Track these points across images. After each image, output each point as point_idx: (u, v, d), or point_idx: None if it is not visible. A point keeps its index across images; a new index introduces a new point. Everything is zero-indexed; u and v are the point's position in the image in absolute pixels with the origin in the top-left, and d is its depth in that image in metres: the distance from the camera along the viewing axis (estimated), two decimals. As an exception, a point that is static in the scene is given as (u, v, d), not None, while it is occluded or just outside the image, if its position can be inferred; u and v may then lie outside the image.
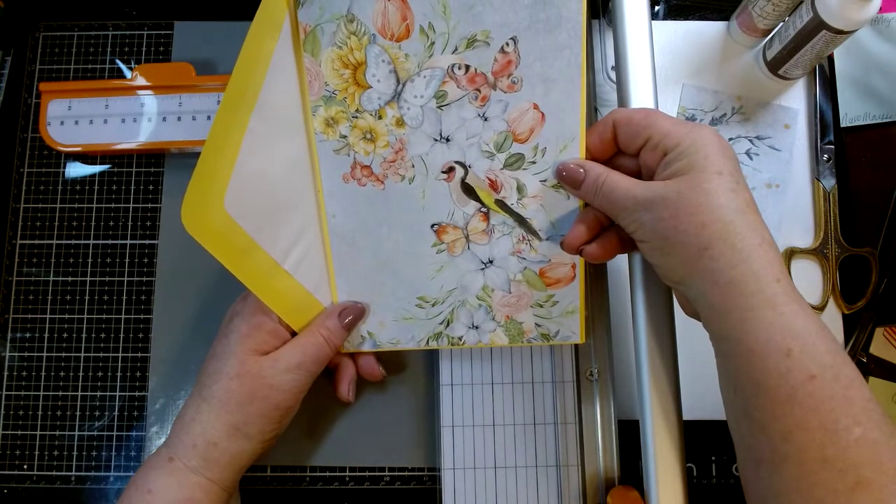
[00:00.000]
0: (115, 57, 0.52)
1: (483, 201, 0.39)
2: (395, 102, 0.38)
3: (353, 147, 0.39)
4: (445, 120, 0.38)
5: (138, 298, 0.49)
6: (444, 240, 0.40)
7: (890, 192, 0.50)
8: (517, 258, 0.40)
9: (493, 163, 0.38)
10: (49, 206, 0.50)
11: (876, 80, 0.51)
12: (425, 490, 0.46)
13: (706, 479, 0.47)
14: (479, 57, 0.37)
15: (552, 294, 0.40)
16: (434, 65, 0.37)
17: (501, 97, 0.37)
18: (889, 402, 0.47)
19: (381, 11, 0.36)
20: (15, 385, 0.48)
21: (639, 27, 0.44)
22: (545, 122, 0.37)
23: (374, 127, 0.38)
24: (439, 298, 0.41)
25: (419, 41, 0.36)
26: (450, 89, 0.37)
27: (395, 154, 0.39)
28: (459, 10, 0.36)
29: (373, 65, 0.37)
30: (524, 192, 0.39)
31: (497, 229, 0.40)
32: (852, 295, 0.48)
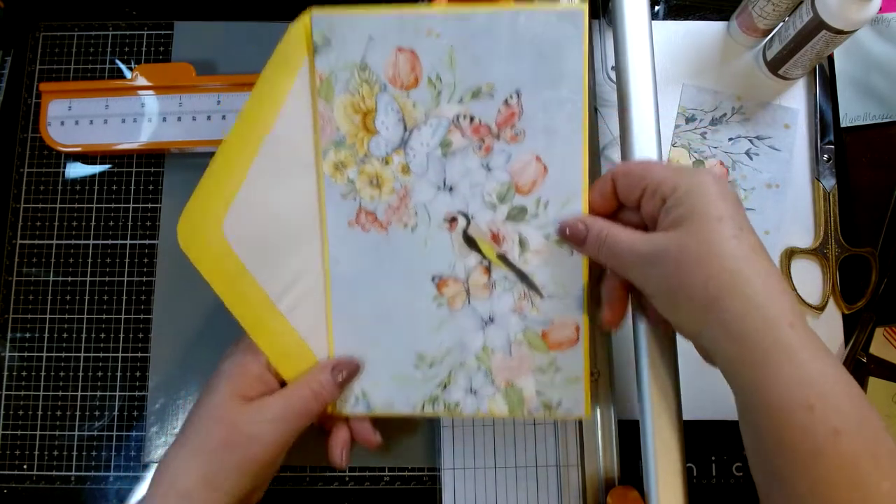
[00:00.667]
0: (115, 57, 0.52)
1: (485, 254, 0.39)
2: (402, 149, 0.38)
3: (360, 192, 0.39)
4: (449, 168, 0.38)
5: (138, 298, 0.49)
6: (445, 293, 0.39)
7: (890, 192, 0.50)
8: (518, 316, 0.39)
9: (495, 214, 0.38)
10: (49, 206, 0.50)
11: (876, 80, 0.51)
12: (425, 490, 0.46)
13: (706, 479, 0.47)
14: (484, 108, 0.37)
15: (554, 358, 0.39)
16: (440, 114, 0.38)
17: (504, 148, 0.38)
18: (889, 402, 0.47)
19: (393, 62, 0.37)
20: (15, 385, 0.48)
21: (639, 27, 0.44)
22: (547, 174, 0.38)
23: (381, 173, 0.39)
24: (437, 358, 0.39)
25: (427, 91, 0.37)
26: (455, 138, 0.38)
27: (400, 201, 0.39)
28: (466, 63, 0.37)
29: (382, 112, 0.38)
30: (526, 247, 0.38)
31: (498, 284, 0.39)
32: (852, 295, 0.48)
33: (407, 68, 0.37)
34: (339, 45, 0.37)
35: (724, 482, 0.47)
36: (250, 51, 0.52)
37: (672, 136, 0.51)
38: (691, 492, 0.38)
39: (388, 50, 0.37)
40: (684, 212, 0.32)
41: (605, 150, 0.50)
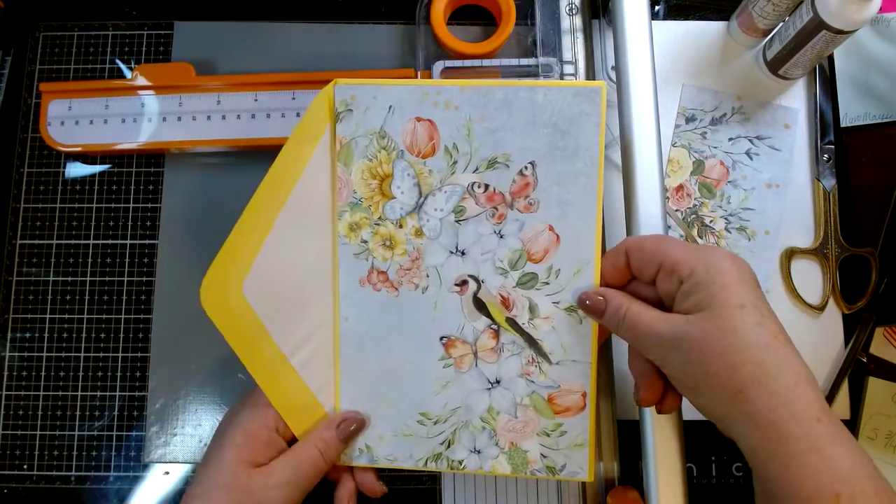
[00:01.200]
0: (115, 57, 0.52)
1: (494, 318, 0.39)
2: (416, 213, 0.39)
3: (373, 252, 0.40)
4: (462, 234, 0.39)
5: (138, 298, 0.49)
6: (452, 354, 0.40)
7: (890, 192, 0.50)
8: (525, 380, 0.39)
9: (506, 280, 0.39)
10: (49, 206, 0.50)
11: (876, 80, 0.51)
12: (425, 490, 0.46)
13: (706, 479, 0.47)
14: (499, 177, 0.39)
15: (560, 423, 0.39)
16: (455, 181, 0.39)
17: (518, 217, 0.39)
18: (889, 402, 0.47)
19: (411, 131, 0.39)
20: (15, 385, 0.48)
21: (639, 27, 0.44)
22: (560, 244, 0.38)
23: (394, 235, 0.40)
24: (442, 417, 0.40)
25: (443, 159, 0.39)
26: (468, 205, 0.39)
27: (412, 263, 0.40)
28: (483, 134, 0.38)
29: (398, 177, 0.39)
30: (536, 313, 0.39)
31: (506, 348, 0.39)
32: (852, 295, 0.48)
33: (425, 137, 0.39)
34: (360, 113, 0.39)
35: (724, 482, 0.47)
36: (250, 51, 0.52)
37: (672, 136, 0.51)
38: (691, 492, 0.38)
39: (406, 119, 0.39)
40: (704, 298, 0.32)
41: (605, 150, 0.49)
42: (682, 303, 0.33)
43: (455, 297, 0.40)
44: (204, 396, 0.47)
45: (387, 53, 0.52)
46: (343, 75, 0.48)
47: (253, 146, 0.49)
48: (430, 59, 0.50)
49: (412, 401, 0.40)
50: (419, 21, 0.50)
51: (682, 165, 0.50)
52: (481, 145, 0.38)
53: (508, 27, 0.49)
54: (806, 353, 0.47)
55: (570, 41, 0.50)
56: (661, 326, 0.33)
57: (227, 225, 0.50)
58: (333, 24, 0.52)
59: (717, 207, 0.50)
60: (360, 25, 0.52)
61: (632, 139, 0.43)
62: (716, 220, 0.50)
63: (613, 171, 0.50)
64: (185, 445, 0.47)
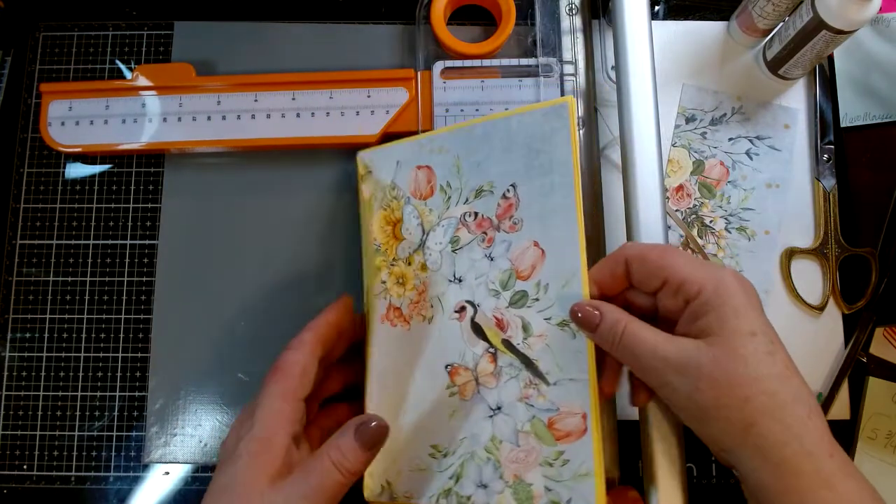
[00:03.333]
0: (115, 57, 0.52)
1: (491, 341, 0.39)
2: (421, 250, 0.42)
3: (390, 291, 0.43)
4: (458, 262, 0.41)
5: (138, 298, 0.49)
6: (457, 382, 0.40)
7: (890, 192, 0.50)
8: (525, 405, 0.38)
9: (499, 301, 0.40)
10: (49, 206, 0.50)
11: (876, 80, 0.51)
12: (425, 490, 0.46)
13: (706, 479, 0.47)
14: (486, 204, 0.41)
15: (562, 451, 0.37)
16: (450, 215, 0.42)
17: (505, 237, 0.40)
18: (889, 402, 0.47)
19: (414, 178, 0.43)
20: (15, 385, 0.48)
21: (639, 27, 0.44)
22: (546, 258, 0.38)
23: (405, 272, 0.43)
24: (451, 449, 0.39)
25: (440, 197, 0.42)
26: (462, 235, 0.41)
27: (419, 295, 0.42)
28: (469, 168, 0.42)
29: (407, 220, 0.43)
30: (529, 331, 0.38)
31: (505, 372, 0.39)
32: (852, 295, 0.48)
33: (424, 181, 0.43)
34: (377, 172, 0.45)
35: (724, 482, 0.47)
36: (250, 51, 0.52)
37: (672, 136, 0.51)
38: (691, 492, 0.38)
39: (410, 169, 0.43)
40: (713, 323, 0.31)
41: (605, 149, 0.50)
42: (689, 324, 0.32)
43: (456, 324, 0.41)
44: (204, 396, 0.47)
45: (387, 53, 0.52)
46: (343, 75, 0.49)
47: (253, 146, 0.49)
48: (430, 59, 0.50)
49: (424, 433, 0.40)
50: (419, 21, 0.50)
51: (682, 165, 0.50)
52: (469, 178, 0.41)
53: (508, 27, 0.49)
54: (806, 353, 0.48)
55: (570, 41, 0.50)
56: (668, 350, 0.31)
57: (227, 225, 0.50)
58: (333, 24, 0.52)
59: (717, 207, 0.50)
60: (360, 25, 0.52)
61: (632, 139, 0.43)
62: (716, 220, 0.50)
63: (613, 171, 0.50)
64: (185, 445, 0.47)
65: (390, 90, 0.49)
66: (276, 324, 0.48)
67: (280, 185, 0.50)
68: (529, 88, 0.49)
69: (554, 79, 0.49)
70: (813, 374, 0.47)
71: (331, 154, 0.50)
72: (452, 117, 0.48)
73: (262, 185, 0.50)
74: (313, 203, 0.49)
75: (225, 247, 0.49)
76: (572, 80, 0.49)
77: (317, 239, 0.49)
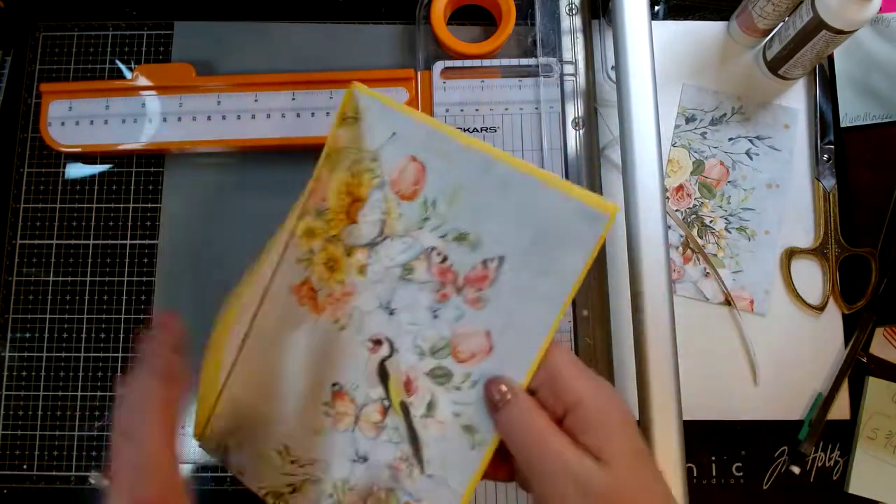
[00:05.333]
0: (115, 57, 0.52)
1: (390, 394, 0.35)
2: (368, 250, 0.36)
3: (314, 265, 0.37)
4: (400, 292, 0.35)
5: (138, 298, 0.49)
6: (336, 407, 0.36)
7: (890, 192, 0.50)
8: (391, 474, 0.34)
9: (420, 363, 0.34)
10: (49, 206, 0.50)
11: (876, 80, 0.51)
12: (425, 490, 0.46)
13: (706, 479, 0.47)
14: (461, 256, 0.34)
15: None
16: (418, 237, 0.35)
17: (460, 306, 0.34)
18: (889, 402, 0.47)
19: (402, 167, 0.35)
20: (15, 385, 0.48)
21: (639, 27, 0.44)
22: (490, 357, 0.33)
23: (340, 260, 0.36)
24: (300, 460, 0.36)
25: (418, 209, 0.35)
26: (419, 268, 0.35)
27: (342, 296, 0.36)
28: (465, 205, 0.34)
29: (369, 206, 0.36)
30: (433, 412, 0.34)
31: (386, 432, 0.35)
32: (852, 295, 0.48)
33: (411, 180, 0.35)
34: (366, 127, 0.36)
35: (724, 482, 0.47)
36: (250, 51, 0.52)
37: (672, 136, 0.51)
38: (691, 492, 0.38)
39: (402, 153, 0.35)
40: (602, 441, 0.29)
41: (605, 149, 0.50)
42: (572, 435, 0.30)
43: (364, 353, 0.36)
44: (204, 396, 0.47)
45: (387, 53, 0.52)
46: (343, 75, 0.49)
47: (253, 146, 0.49)
48: (430, 59, 0.50)
49: (282, 430, 0.36)
50: (419, 21, 0.50)
51: (682, 165, 0.50)
52: (459, 215, 0.34)
53: (508, 27, 0.49)
54: (806, 353, 0.48)
55: (570, 41, 0.50)
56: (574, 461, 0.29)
57: (227, 225, 0.50)
58: (333, 24, 0.52)
59: (717, 207, 0.50)
60: (360, 25, 0.52)
61: (632, 139, 0.43)
62: (716, 220, 0.50)
63: (613, 171, 0.50)
64: (185, 445, 0.47)
65: (390, 90, 0.49)
66: (276, 324, 0.48)
67: (280, 185, 0.50)
68: (529, 88, 0.49)
69: (554, 79, 0.49)
70: (813, 374, 0.47)
71: (331, 154, 0.50)
72: (452, 117, 0.48)
73: (262, 185, 0.50)
74: (313, 203, 0.49)
75: (225, 247, 0.49)
76: (572, 80, 0.49)
77: (317, 239, 0.49)
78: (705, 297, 0.48)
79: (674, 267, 0.49)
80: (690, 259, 0.49)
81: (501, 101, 0.48)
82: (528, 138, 0.48)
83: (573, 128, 0.48)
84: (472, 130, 0.48)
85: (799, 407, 0.47)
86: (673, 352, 0.40)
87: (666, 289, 0.41)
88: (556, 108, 0.48)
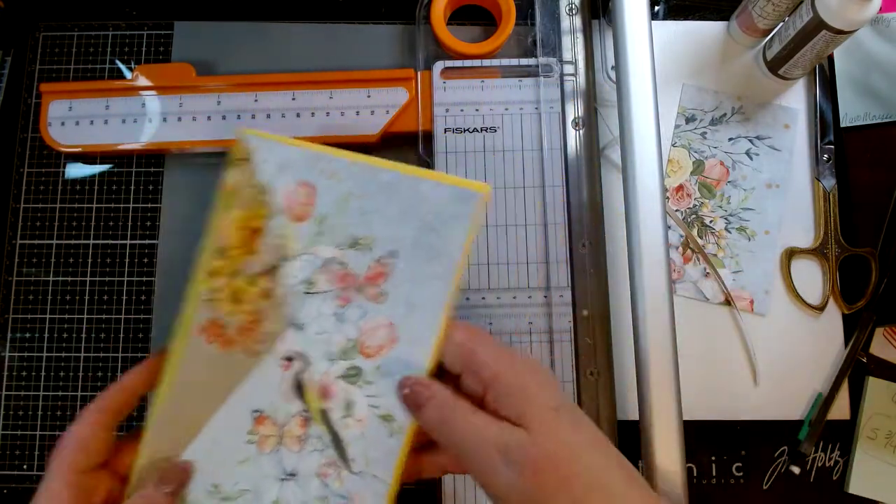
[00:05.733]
0: (115, 57, 0.52)
1: (309, 405, 0.36)
2: (271, 276, 0.37)
3: (219, 303, 0.38)
4: (306, 307, 0.37)
5: (138, 298, 0.49)
6: (259, 431, 0.37)
7: (890, 192, 0.50)
8: (320, 482, 0.36)
9: (332, 368, 0.36)
10: (49, 206, 0.50)
11: (876, 80, 0.51)
12: (426, 490, 0.46)
13: (706, 479, 0.47)
14: (357, 259, 0.36)
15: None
16: (316, 253, 0.37)
17: (363, 304, 0.36)
18: (889, 402, 0.47)
19: (293, 192, 0.37)
20: (15, 385, 0.48)
21: (639, 27, 0.44)
22: (396, 345, 0.35)
23: (245, 291, 0.38)
24: (231, 495, 0.37)
25: (312, 227, 0.37)
26: (320, 280, 0.37)
27: (251, 324, 0.37)
28: (356, 211, 0.37)
29: (267, 235, 0.38)
30: (351, 412, 0.36)
31: (311, 442, 0.36)
32: (852, 295, 0.48)
33: (302, 202, 0.38)
34: (256, 164, 0.38)
35: (724, 482, 0.47)
36: (250, 51, 0.52)
37: (672, 136, 0.51)
38: (691, 492, 0.38)
39: (292, 180, 0.38)
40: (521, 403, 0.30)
41: (605, 149, 0.50)
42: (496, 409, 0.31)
43: (279, 372, 0.37)
44: (204, 396, 0.47)
45: (387, 53, 0.52)
46: (343, 75, 0.49)
47: (253, 146, 0.49)
48: (430, 59, 0.50)
49: (209, 468, 0.37)
50: (419, 21, 0.50)
51: (682, 165, 0.50)
52: (351, 223, 0.37)
53: (508, 27, 0.49)
54: (806, 353, 0.48)
55: (570, 41, 0.50)
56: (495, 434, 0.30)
57: (227, 225, 0.50)
58: (333, 24, 0.52)
59: (717, 207, 0.50)
60: (360, 25, 0.52)
61: (632, 139, 0.43)
62: (716, 220, 0.50)
63: (613, 171, 0.50)
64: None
65: (390, 90, 0.49)
66: (276, 324, 0.48)
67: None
68: (529, 88, 0.49)
69: (554, 79, 0.49)
70: (813, 374, 0.48)
71: (331, 154, 0.50)
72: (452, 117, 0.48)
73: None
74: (313, 203, 0.49)
75: (225, 247, 0.49)
76: (572, 80, 0.49)
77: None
78: (705, 297, 0.49)
79: (674, 267, 0.49)
80: (690, 259, 0.49)
81: (501, 101, 0.48)
82: (528, 138, 0.48)
83: (573, 128, 0.48)
84: (472, 130, 0.48)
85: (799, 407, 0.47)
86: (673, 352, 0.41)
87: (666, 289, 0.41)
88: (556, 108, 0.48)
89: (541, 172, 0.47)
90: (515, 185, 0.47)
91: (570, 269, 0.46)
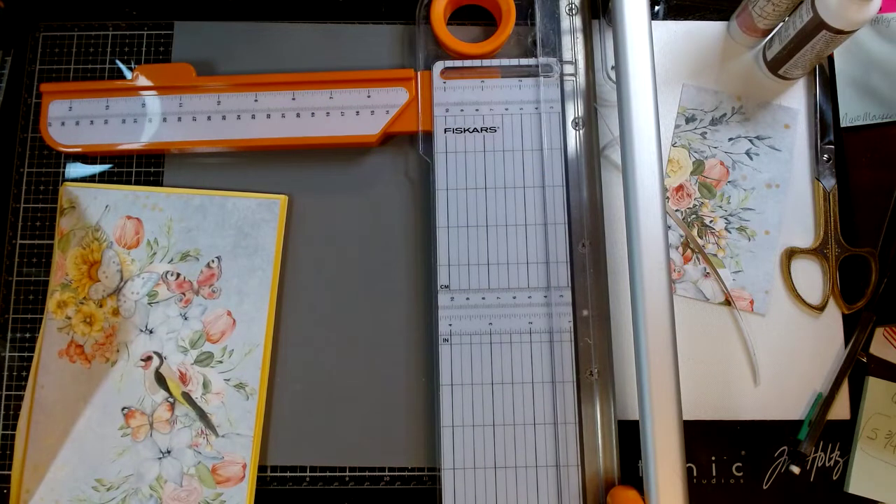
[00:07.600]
0: (115, 57, 0.52)
1: (171, 392, 0.45)
2: (116, 295, 0.46)
3: (74, 328, 0.46)
4: (153, 315, 0.46)
5: (138, 298, 0.49)
6: (131, 424, 0.45)
7: (890, 192, 0.50)
8: (193, 451, 0.44)
9: (185, 357, 0.45)
10: (49, 206, 0.50)
11: (876, 80, 0.51)
12: (425, 490, 0.46)
13: (706, 479, 0.47)
14: (189, 268, 0.47)
15: (220, 493, 0.44)
16: (153, 269, 0.47)
17: (202, 302, 0.46)
18: (889, 402, 0.47)
19: (121, 226, 0.47)
20: (15, 385, 0.48)
21: (639, 27, 0.44)
22: (236, 327, 0.46)
23: (95, 313, 0.46)
24: (115, 483, 0.44)
25: (145, 250, 0.47)
26: (161, 290, 0.46)
27: (106, 338, 0.46)
28: (179, 232, 0.47)
29: (105, 264, 0.47)
30: (209, 388, 0.45)
31: (180, 420, 0.45)
32: (852, 295, 0.48)
33: (132, 232, 0.47)
34: (82, 210, 0.47)
35: (724, 482, 0.47)
36: (250, 51, 0.52)
37: (672, 136, 0.51)
38: (691, 492, 0.38)
39: (119, 217, 0.47)
40: None
41: (605, 149, 0.50)
42: None
43: (140, 371, 0.45)
44: (204, 396, 0.48)
45: (387, 53, 0.52)
46: (343, 75, 0.49)
47: (253, 146, 0.49)
48: (429, 59, 0.50)
49: (89, 467, 0.44)
50: (419, 21, 0.50)
51: (682, 165, 0.50)
52: (178, 241, 0.47)
53: (508, 27, 0.49)
54: (806, 353, 0.48)
55: (570, 41, 0.50)
56: None
57: (227, 225, 0.50)
58: (333, 24, 0.52)
59: (717, 207, 0.50)
60: (360, 25, 0.52)
61: (632, 139, 0.43)
62: (716, 220, 0.50)
63: (613, 171, 0.50)
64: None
65: (390, 90, 0.49)
66: (276, 324, 0.48)
67: (279, 186, 0.50)
68: (529, 88, 0.49)
69: (554, 79, 0.49)
70: (813, 374, 0.48)
71: (331, 154, 0.50)
72: (452, 117, 0.48)
73: (261, 185, 0.50)
74: (312, 202, 0.49)
75: (225, 247, 0.49)
76: (572, 80, 0.49)
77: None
78: (705, 297, 0.49)
79: (674, 267, 0.49)
80: (690, 259, 0.49)
81: (501, 101, 0.49)
82: (528, 138, 0.48)
83: (573, 128, 0.48)
84: (472, 130, 0.48)
85: (799, 407, 0.47)
86: (673, 352, 0.41)
87: (666, 289, 0.41)
88: (556, 108, 0.48)
89: (541, 172, 0.48)
90: (515, 185, 0.47)
91: (570, 269, 0.46)
